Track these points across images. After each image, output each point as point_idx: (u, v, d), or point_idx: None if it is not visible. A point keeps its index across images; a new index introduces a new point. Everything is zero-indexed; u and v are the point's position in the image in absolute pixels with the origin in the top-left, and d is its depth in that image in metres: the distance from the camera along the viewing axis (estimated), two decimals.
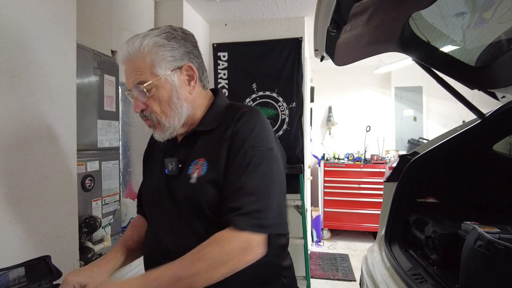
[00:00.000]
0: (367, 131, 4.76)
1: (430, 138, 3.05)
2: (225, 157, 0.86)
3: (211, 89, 1.05)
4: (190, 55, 0.92)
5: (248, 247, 0.77)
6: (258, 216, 0.79)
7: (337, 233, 4.72)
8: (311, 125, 4.26)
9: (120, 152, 2.02)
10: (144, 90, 0.86)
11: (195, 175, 0.87)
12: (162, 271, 0.76)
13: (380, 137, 4.92)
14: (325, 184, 4.59)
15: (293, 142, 3.11)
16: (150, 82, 0.86)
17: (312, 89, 4.27)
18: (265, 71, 3.14)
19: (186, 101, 0.91)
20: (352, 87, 5.32)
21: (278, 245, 0.90)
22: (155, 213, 0.97)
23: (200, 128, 0.93)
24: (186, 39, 0.92)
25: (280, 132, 3.13)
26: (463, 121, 1.97)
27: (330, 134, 5.40)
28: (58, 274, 0.82)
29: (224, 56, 3.23)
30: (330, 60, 1.62)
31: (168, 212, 0.91)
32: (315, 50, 1.55)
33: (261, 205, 0.80)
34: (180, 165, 0.91)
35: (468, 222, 1.27)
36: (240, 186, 0.81)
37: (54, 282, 0.81)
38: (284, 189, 0.89)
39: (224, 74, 3.22)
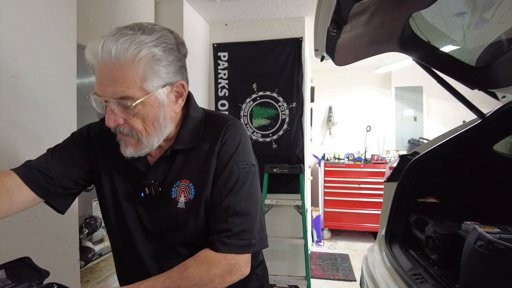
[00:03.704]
0: (367, 131, 4.76)
1: (431, 138, 3.05)
2: (213, 176, 0.82)
3: None
4: (182, 69, 0.81)
5: (234, 268, 0.78)
6: (245, 236, 0.79)
7: (337, 233, 4.72)
8: (311, 125, 4.26)
9: None
10: (131, 106, 0.72)
11: (182, 199, 0.82)
12: (149, 285, 0.74)
13: (381, 137, 4.92)
14: (325, 184, 4.59)
15: (293, 142, 3.12)
16: (141, 100, 0.73)
17: (312, 89, 4.27)
18: (265, 71, 3.14)
19: (171, 120, 0.81)
20: (353, 87, 5.32)
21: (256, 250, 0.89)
22: (131, 235, 0.86)
23: (178, 147, 0.83)
24: (180, 50, 0.80)
25: (280, 132, 3.13)
26: (464, 121, 1.97)
27: (330, 134, 5.40)
28: (47, 273, 0.81)
29: (224, 56, 3.23)
30: (330, 60, 1.61)
31: (148, 237, 0.85)
32: (315, 50, 1.55)
33: (247, 225, 0.80)
34: (159, 189, 0.82)
35: (469, 222, 1.27)
36: (227, 207, 0.80)
37: (44, 282, 0.80)
38: (261, 201, 0.88)
39: (225, 74, 3.22)
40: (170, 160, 0.84)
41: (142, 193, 0.84)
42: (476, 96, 1.77)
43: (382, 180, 1.97)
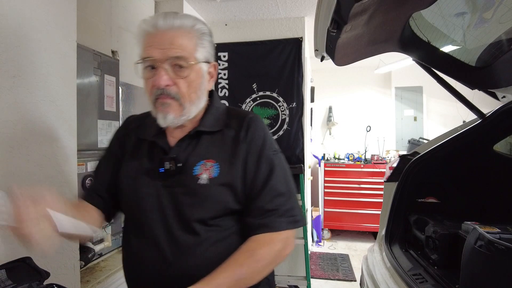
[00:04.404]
0: (367, 131, 4.76)
1: (431, 138, 3.04)
2: (242, 162, 0.87)
3: None
4: (214, 56, 0.94)
5: (287, 243, 0.86)
6: (291, 213, 0.87)
7: (337, 233, 4.72)
8: (311, 125, 4.26)
9: None
10: (186, 65, 0.84)
11: (204, 176, 0.86)
12: (225, 275, 0.77)
13: (381, 137, 4.92)
14: (326, 184, 4.59)
15: (293, 142, 3.11)
16: (193, 62, 0.85)
17: (312, 89, 4.27)
18: (265, 71, 3.14)
19: (205, 95, 0.92)
20: (353, 87, 5.32)
21: None
22: (144, 213, 0.89)
23: (203, 128, 0.91)
24: (212, 39, 0.94)
25: (281, 132, 3.13)
26: (464, 121, 1.97)
27: (330, 134, 5.40)
28: (47, 274, 0.80)
29: (224, 56, 3.23)
30: (330, 60, 1.62)
31: (163, 213, 0.87)
32: (316, 50, 1.55)
33: (291, 203, 0.88)
34: (180, 165, 0.87)
35: (469, 222, 1.27)
36: (271, 189, 0.87)
37: (44, 283, 0.80)
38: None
39: (225, 74, 3.22)
40: (194, 140, 0.91)
41: (161, 169, 0.88)
42: (476, 96, 1.76)
43: (382, 180, 1.97)
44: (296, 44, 3.09)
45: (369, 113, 5.23)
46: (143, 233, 0.88)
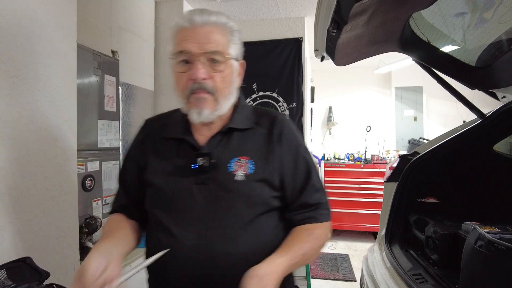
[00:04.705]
0: (367, 131, 4.76)
1: (431, 138, 3.04)
2: (278, 159, 0.90)
3: None
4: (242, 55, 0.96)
5: (329, 231, 0.94)
6: (328, 206, 0.95)
7: (337, 233, 4.72)
8: (311, 125, 4.26)
9: (120, 152, 2.02)
10: (222, 60, 0.86)
11: (240, 173, 0.87)
12: (295, 249, 0.84)
13: (381, 137, 4.92)
14: (326, 184, 4.58)
15: None
16: (228, 56, 0.87)
17: (312, 89, 4.27)
18: (265, 71, 3.13)
19: (235, 92, 0.94)
20: (353, 87, 5.32)
21: None
22: (176, 211, 0.88)
23: (235, 126, 0.92)
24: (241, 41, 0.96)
25: None
26: (464, 121, 1.97)
27: (330, 134, 5.40)
28: (47, 274, 0.80)
29: None
30: (330, 60, 1.62)
31: (197, 210, 0.86)
32: (316, 50, 1.55)
33: (326, 197, 0.96)
34: (213, 161, 0.87)
35: (469, 222, 1.27)
36: (312, 186, 0.93)
37: (44, 283, 0.79)
38: None
39: None
40: (225, 137, 0.92)
41: (194, 165, 0.87)
42: (476, 96, 1.76)
43: (382, 180, 1.97)
44: (296, 44, 3.09)
45: (369, 113, 5.23)
46: (176, 231, 0.86)
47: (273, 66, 3.12)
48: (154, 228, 0.91)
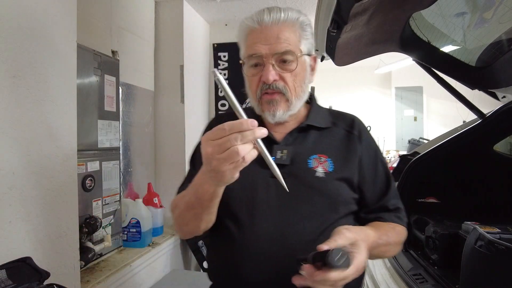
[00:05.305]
0: None
1: (431, 138, 3.04)
2: (359, 160, 0.89)
3: None
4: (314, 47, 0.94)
5: (403, 241, 0.90)
6: (405, 215, 0.94)
7: None
8: None
9: (120, 152, 2.02)
10: (293, 59, 0.84)
11: (320, 170, 0.86)
12: (381, 232, 0.81)
13: (381, 137, 4.91)
14: None
15: None
16: (299, 54, 0.85)
17: (312, 89, 4.26)
18: None
19: (308, 89, 0.93)
20: (353, 87, 5.32)
21: None
22: (251, 204, 0.86)
23: (313, 123, 0.91)
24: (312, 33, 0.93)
25: None
26: (464, 121, 1.97)
27: None
28: (47, 274, 0.80)
29: (224, 56, 3.23)
30: (330, 60, 1.62)
31: (271, 204, 0.84)
32: (316, 50, 1.55)
33: (403, 206, 0.94)
34: (291, 155, 0.86)
35: (469, 222, 1.27)
36: (392, 191, 0.93)
37: (44, 283, 0.79)
38: None
39: (225, 74, 3.22)
40: (302, 134, 0.91)
41: (273, 158, 0.85)
42: (476, 96, 1.76)
43: None
44: None
45: (369, 113, 5.22)
46: (248, 222, 0.84)
47: None
48: (224, 218, 0.88)
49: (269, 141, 0.87)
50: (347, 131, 0.93)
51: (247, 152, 0.61)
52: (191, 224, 0.83)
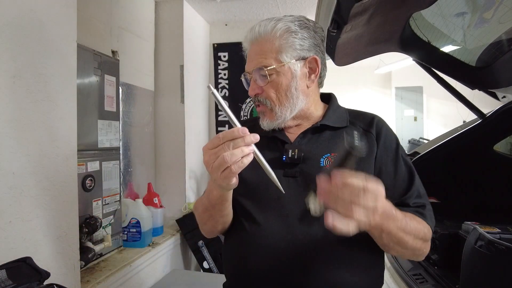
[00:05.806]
0: None
1: (431, 138, 3.04)
2: (376, 159, 0.89)
3: (323, 93, 1.06)
4: (317, 48, 0.92)
5: (429, 244, 0.85)
6: (433, 214, 0.89)
7: None
8: None
9: (120, 152, 2.02)
10: (266, 74, 0.87)
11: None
12: (401, 215, 0.75)
13: None
14: None
15: None
16: (273, 67, 0.87)
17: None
18: None
19: (303, 93, 0.92)
20: (353, 87, 5.32)
21: None
22: (262, 201, 0.89)
23: (328, 123, 0.93)
24: (316, 31, 0.92)
25: None
26: (464, 121, 1.97)
27: None
28: (47, 274, 0.80)
29: (224, 56, 3.23)
30: (330, 60, 1.62)
31: (281, 203, 0.86)
32: None
33: (429, 204, 0.90)
34: (303, 154, 0.88)
35: (469, 222, 1.27)
36: (416, 190, 0.90)
37: (44, 283, 0.79)
38: None
39: (225, 74, 3.22)
40: (316, 134, 0.93)
41: (284, 157, 0.89)
42: (476, 96, 1.76)
43: None
44: None
45: None
46: (260, 219, 0.87)
47: None
48: (239, 214, 0.93)
49: (282, 142, 0.93)
50: (364, 130, 0.93)
51: (237, 159, 0.65)
52: (209, 224, 0.91)
